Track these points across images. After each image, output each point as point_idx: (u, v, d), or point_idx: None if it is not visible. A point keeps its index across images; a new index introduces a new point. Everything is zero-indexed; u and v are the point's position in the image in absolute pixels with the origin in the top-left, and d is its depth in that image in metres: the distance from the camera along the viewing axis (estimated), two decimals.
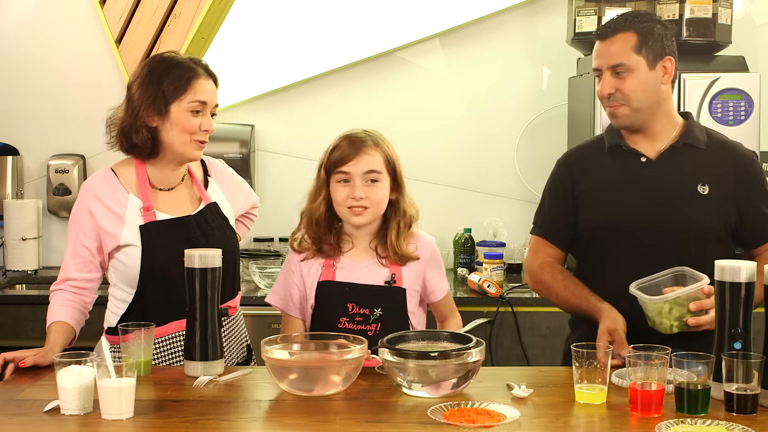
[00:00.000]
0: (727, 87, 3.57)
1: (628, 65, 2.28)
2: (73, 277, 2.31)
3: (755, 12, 4.08)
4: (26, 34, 4.12)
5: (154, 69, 2.30)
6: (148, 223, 2.30)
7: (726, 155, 2.36)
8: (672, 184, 2.31)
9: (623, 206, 2.33)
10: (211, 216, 2.39)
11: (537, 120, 4.10)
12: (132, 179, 2.34)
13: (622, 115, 2.31)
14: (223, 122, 4.08)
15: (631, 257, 2.31)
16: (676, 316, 2.13)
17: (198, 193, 2.42)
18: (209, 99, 2.32)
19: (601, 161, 2.40)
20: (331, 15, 4.11)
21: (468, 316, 2.56)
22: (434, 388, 1.96)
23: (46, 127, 4.14)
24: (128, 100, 2.33)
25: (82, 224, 2.30)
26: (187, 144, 2.30)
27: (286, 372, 1.98)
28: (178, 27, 3.75)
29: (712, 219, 2.30)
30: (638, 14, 2.35)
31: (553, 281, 2.41)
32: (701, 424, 1.75)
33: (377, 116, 4.12)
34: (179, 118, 2.28)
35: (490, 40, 4.14)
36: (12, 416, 1.84)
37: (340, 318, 2.28)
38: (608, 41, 2.31)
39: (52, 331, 2.23)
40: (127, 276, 2.31)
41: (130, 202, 2.31)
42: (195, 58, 2.37)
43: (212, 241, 2.34)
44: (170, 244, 2.29)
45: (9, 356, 2.13)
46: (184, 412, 1.87)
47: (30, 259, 3.92)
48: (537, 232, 2.51)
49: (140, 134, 2.29)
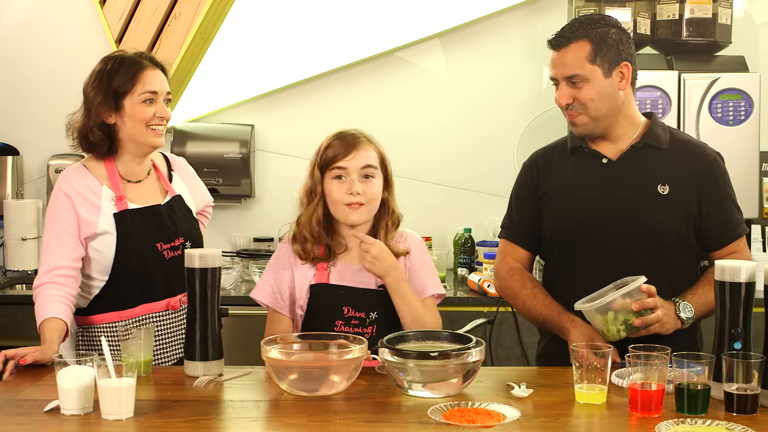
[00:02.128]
0: (727, 87, 3.57)
1: (583, 75, 2.26)
2: (58, 265, 2.31)
3: (755, 12, 4.08)
4: (26, 34, 4.12)
5: (102, 69, 2.42)
6: (121, 211, 2.40)
7: (688, 155, 2.33)
8: (631, 184, 2.31)
9: (584, 206, 2.34)
10: (177, 206, 2.51)
11: (537, 120, 4.10)
12: (102, 172, 2.44)
13: (581, 124, 2.31)
14: (223, 122, 4.08)
15: (592, 257, 2.32)
16: (621, 320, 2.14)
17: (164, 186, 2.53)
18: (159, 88, 2.41)
19: (564, 163, 2.41)
20: (331, 15, 4.11)
21: (468, 316, 2.56)
22: (434, 388, 1.96)
23: (46, 127, 4.13)
24: (84, 101, 2.44)
25: (62, 212, 2.36)
26: (145, 133, 2.41)
27: (286, 372, 1.98)
28: (178, 27, 3.75)
29: (671, 219, 2.28)
30: (592, 19, 2.31)
31: (522, 288, 2.40)
32: (701, 424, 1.76)
33: (377, 116, 4.12)
34: (134, 111, 2.39)
35: (490, 40, 4.14)
36: (12, 416, 1.84)
37: (335, 321, 2.27)
38: (562, 51, 2.28)
39: (46, 329, 2.23)
40: (101, 263, 2.39)
41: (104, 193, 2.40)
42: (140, 52, 2.47)
43: (180, 228, 2.47)
44: (143, 230, 2.41)
45: (10, 353, 2.14)
46: (184, 412, 1.87)
47: (30, 259, 3.91)
48: (504, 234, 2.51)
49: (94, 134, 2.40)
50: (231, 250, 4.00)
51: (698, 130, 3.57)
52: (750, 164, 3.57)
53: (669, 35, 3.75)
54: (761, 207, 3.76)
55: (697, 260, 2.36)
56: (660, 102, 3.59)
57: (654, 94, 3.59)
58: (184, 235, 2.47)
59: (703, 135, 3.55)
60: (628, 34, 2.33)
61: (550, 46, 2.31)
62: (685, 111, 3.59)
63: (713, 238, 2.32)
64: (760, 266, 1.95)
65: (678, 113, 3.59)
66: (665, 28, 3.75)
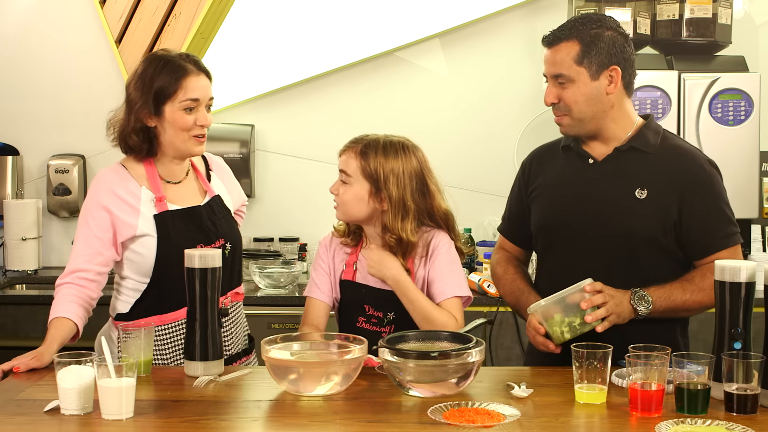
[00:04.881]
0: (727, 87, 3.57)
1: (568, 76, 2.25)
2: (82, 268, 2.30)
3: (755, 12, 4.08)
4: (26, 34, 4.12)
5: (146, 70, 2.34)
6: (162, 213, 2.35)
7: (674, 161, 2.29)
8: (609, 187, 2.30)
9: (563, 205, 2.35)
10: (217, 207, 2.46)
11: (537, 120, 4.10)
12: (141, 173, 2.38)
13: (566, 125, 2.31)
14: (223, 122, 4.08)
15: (568, 255, 2.34)
16: (567, 322, 2.16)
17: (203, 186, 2.48)
18: (202, 95, 2.34)
19: (554, 161, 2.43)
20: (331, 15, 4.11)
21: (468, 316, 2.56)
22: (434, 388, 1.96)
23: (46, 127, 4.14)
24: (126, 101, 2.37)
25: (95, 215, 2.32)
26: (186, 141, 2.35)
27: (286, 372, 1.98)
28: (178, 27, 3.75)
29: (645, 223, 2.25)
30: (589, 20, 2.28)
31: (504, 274, 2.49)
32: (701, 424, 1.76)
33: (377, 116, 4.12)
34: (174, 118, 2.32)
35: (490, 40, 4.14)
36: (12, 416, 1.84)
37: (358, 317, 2.35)
38: (553, 49, 2.27)
39: (52, 328, 2.23)
40: (142, 266, 2.35)
41: (143, 194, 2.35)
42: (185, 54, 2.39)
43: (221, 230, 2.42)
44: (184, 232, 2.35)
45: (6, 367, 2.13)
46: (184, 412, 1.87)
47: (30, 259, 3.92)
48: (500, 229, 2.61)
49: (132, 138, 2.34)
50: None
51: (698, 130, 3.57)
52: (750, 164, 3.57)
53: (669, 35, 3.75)
54: (761, 207, 3.75)
55: (683, 267, 2.30)
56: (660, 102, 3.59)
57: (654, 94, 3.59)
58: (225, 237, 2.42)
59: (702, 135, 3.55)
60: (627, 36, 2.31)
61: (544, 43, 2.31)
62: (685, 111, 3.58)
63: (695, 245, 2.27)
64: (760, 266, 1.95)
65: (678, 113, 3.59)
66: (665, 28, 3.75)
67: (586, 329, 2.15)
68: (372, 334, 2.27)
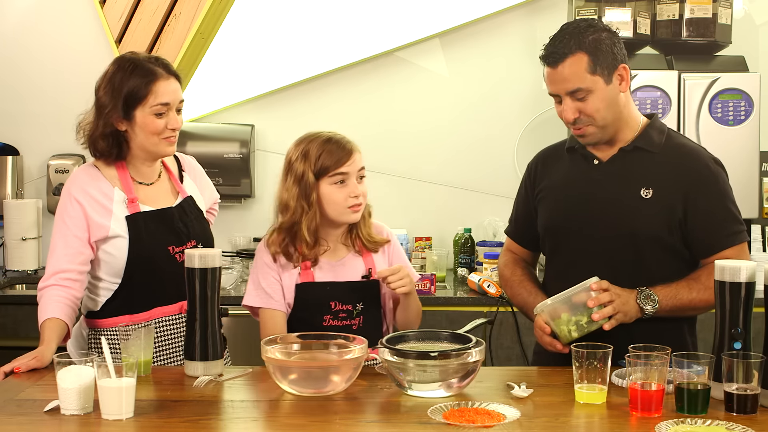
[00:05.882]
0: (727, 87, 3.57)
1: (586, 88, 2.22)
2: (65, 269, 2.30)
3: (755, 12, 4.08)
4: (26, 34, 4.12)
5: (115, 73, 2.34)
6: (133, 214, 2.36)
7: (678, 159, 2.29)
8: (614, 187, 2.30)
9: (570, 206, 2.35)
10: (189, 208, 2.48)
11: (537, 120, 4.10)
12: (113, 174, 2.39)
13: (590, 134, 2.28)
14: (223, 122, 4.08)
15: (575, 255, 2.34)
16: (574, 321, 2.16)
17: (176, 187, 2.50)
18: (172, 99, 2.35)
19: (560, 163, 2.43)
20: (331, 15, 4.11)
21: (468, 316, 2.57)
22: (434, 388, 1.96)
23: (46, 127, 4.14)
24: (95, 105, 2.38)
25: (71, 215, 2.32)
26: (158, 144, 2.36)
27: (286, 372, 1.98)
28: (178, 27, 3.75)
29: (650, 223, 2.26)
30: (580, 28, 2.25)
31: (512, 276, 2.49)
32: (701, 424, 1.76)
33: (377, 116, 4.12)
34: (145, 122, 2.33)
35: (490, 40, 4.14)
36: (12, 416, 1.84)
37: (324, 316, 2.31)
38: (560, 67, 2.23)
39: (46, 329, 2.23)
40: (113, 266, 2.36)
41: (116, 195, 2.36)
42: (154, 58, 2.39)
43: (193, 231, 2.44)
44: (155, 233, 2.37)
45: (7, 369, 2.13)
46: (184, 412, 1.87)
47: (30, 259, 3.91)
48: (507, 230, 2.62)
49: (100, 143, 2.35)
50: (231, 250, 3.99)
51: (698, 130, 3.57)
52: (750, 164, 3.57)
53: (669, 35, 3.75)
54: (761, 207, 3.76)
55: (689, 267, 2.30)
56: (660, 102, 3.59)
57: (654, 94, 3.59)
58: (196, 238, 2.43)
59: (702, 135, 3.55)
60: (617, 33, 2.30)
61: (545, 62, 2.26)
62: (685, 111, 3.59)
63: (700, 244, 2.27)
64: (760, 266, 1.95)
65: (678, 113, 3.59)
66: (665, 28, 3.76)
67: (593, 328, 2.15)
68: (342, 330, 2.25)
